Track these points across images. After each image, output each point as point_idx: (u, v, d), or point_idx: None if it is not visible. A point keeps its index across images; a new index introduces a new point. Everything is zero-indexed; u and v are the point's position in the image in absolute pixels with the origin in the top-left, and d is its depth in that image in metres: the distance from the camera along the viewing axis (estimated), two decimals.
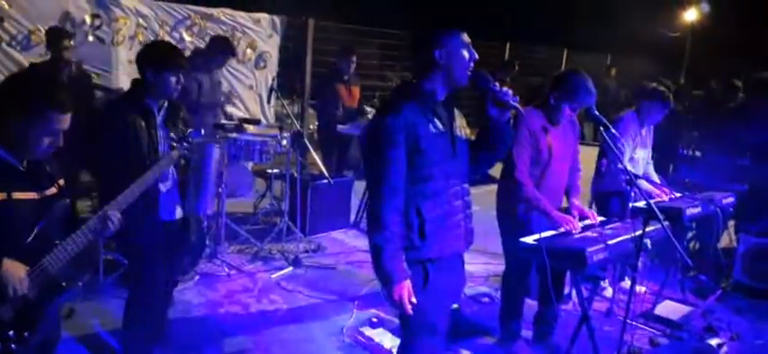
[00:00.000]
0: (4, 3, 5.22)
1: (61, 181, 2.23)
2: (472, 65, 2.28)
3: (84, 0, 5.73)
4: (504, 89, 2.27)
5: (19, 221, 2.03)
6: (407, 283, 2.21)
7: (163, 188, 2.92)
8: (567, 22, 14.98)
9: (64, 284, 2.15)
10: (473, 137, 2.49)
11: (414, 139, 2.21)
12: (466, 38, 2.27)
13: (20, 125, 1.99)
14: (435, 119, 2.28)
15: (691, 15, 18.59)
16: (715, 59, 14.53)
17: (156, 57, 2.89)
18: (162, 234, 2.98)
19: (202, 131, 3.00)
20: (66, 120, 2.05)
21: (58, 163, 2.25)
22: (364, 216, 5.86)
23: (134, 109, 2.86)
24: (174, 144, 2.82)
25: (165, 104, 2.99)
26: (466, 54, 2.26)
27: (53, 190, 2.17)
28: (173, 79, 2.88)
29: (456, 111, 2.43)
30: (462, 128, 2.44)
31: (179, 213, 3.09)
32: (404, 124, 2.19)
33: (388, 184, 2.19)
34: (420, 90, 2.28)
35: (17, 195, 2.01)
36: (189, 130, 2.89)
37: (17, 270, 1.99)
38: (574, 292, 3.80)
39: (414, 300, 2.21)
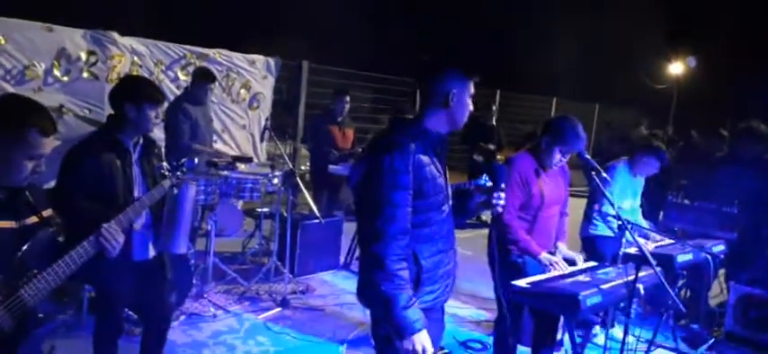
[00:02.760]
0: (0, 38, 5.23)
1: (46, 212, 2.16)
2: (468, 113, 2.30)
3: (80, 37, 5.75)
4: (499, 194, 2.32)
5: None
6: (426, 333, 2.10)
7: (137, 226, 2.80)
8: (556, 73, 15.31)
9: (41, 316, 2.06)
10: None
11: (419, 182, 2.14)
12: (472, 87, 2.27)
13: (1, 149, 1.95)
14: (436, 160, 2.24)
15: (676, 69, 19.09)
16: (699, 111, 14.86)
17: (134, 91, 2.81)
18: (132, 274, 2.90)
19: (196, 160, 2.96)
20: (47, 144, 2.01)
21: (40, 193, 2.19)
22: (354, 257, 5.81)
23: (109, 146, 2.78)
24: (167, 173, 2.77)
25: (141, 141, 2.92)
26: (470, 103, 2.26)
27: (34, 220, 2.10)
28: (152, 113, 2.81)
29: None
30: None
31: (152, 252, 3.01)
32: (411, 165, 2.11)
33: (395, 231, 2.08)
34: (423, 128, 2.22)
35: None
36: (183, 160, 2.84)
37: None
38: (566, 338, 3.76)
39: (432, 350, 2.11)
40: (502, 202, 2.30)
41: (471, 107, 2.28)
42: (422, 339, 2.09)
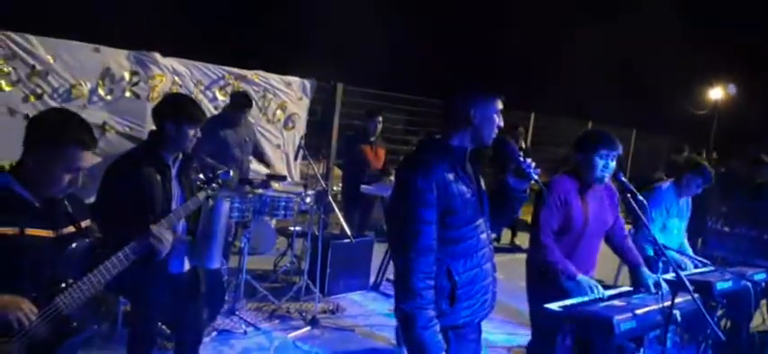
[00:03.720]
0: (49, 57, 5.45)
1: (84, 223, 2.20)
2: (497, 130, 2.29)
3: (124, 57, 5.95)
4: (528, 161, 2.27)
5: (32, 258, 2.00)
6: None
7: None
8: (592, 95, 15.15)
9: (75, 324, 2.08)
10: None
11: (446, 199, 2.15)
12: (500, 104, 2.27)
13: (41, 161, 2.01)
14: (465, 177, 2.25)
15: (716, 94, 18.66)
16: (739, 136, 14.49)
17: (176, 110, 2.88)
18: (167, 287, 2.95)
19: (231, 173, 3.02)
20: (87, 158, 2.05)
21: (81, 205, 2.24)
22: (384, 278, 5.80)
23: (149, 162, 2.86)
24: (203, 185, 2.82)
25: (180, 157, 2.99)
26: (497, 119, 2.27)
27: (71, 230, 2.14)
28: (191, 132, 2.88)
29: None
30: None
31: (187, 265, 3.06)
32: (436, 183, 2.13)
33: (420, 248, 2.09)
34: (448, 146, 2.25)
35: (30, 231, 1.99)
36: (219, 171, 2.90)
37: (18, 302, 1.91)
38: None
39: None
40: (533, 164, 2.26)
41: (501, 123, 2.28)
42: None
